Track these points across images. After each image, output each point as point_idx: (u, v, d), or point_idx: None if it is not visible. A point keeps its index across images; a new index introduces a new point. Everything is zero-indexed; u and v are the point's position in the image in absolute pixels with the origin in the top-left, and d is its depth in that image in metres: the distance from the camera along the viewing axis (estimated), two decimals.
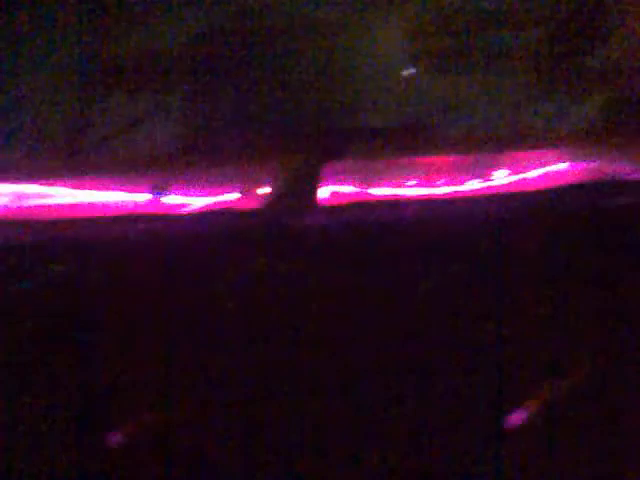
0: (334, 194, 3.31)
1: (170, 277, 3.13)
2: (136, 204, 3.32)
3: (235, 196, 3.34)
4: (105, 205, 3.32)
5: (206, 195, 3.34)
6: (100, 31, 3.95)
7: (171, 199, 3.36)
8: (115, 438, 3.08)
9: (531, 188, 3.36)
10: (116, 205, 3.31)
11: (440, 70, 3.93)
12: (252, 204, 3.26)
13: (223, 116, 3.58)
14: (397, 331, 3.17)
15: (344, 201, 3.27)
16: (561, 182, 3.36)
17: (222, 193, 3.34)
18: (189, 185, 3.35)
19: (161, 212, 3.26)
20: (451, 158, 3.47)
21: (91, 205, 3.31)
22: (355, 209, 3.24)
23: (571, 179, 3.37)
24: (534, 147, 3.55)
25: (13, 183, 3.36)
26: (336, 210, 3.23)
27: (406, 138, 3.51)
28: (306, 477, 3.05)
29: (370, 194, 3.33)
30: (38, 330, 3.12)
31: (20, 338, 3.11)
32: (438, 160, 3.45)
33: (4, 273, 3.12)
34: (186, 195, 3.36)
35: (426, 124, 3.58)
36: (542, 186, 3.35)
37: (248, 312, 3.14)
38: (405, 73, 3.74)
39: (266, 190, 3.28)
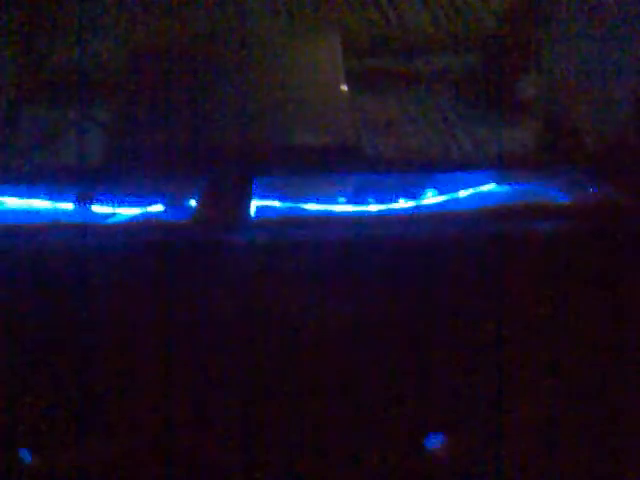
0: (262, 209, 3.31)
1: (92, 287, 3.10)
2: (60, 213, 3.31)
3: (161, 208, 3.33)
4: (29, 213, 3.31)
5: (132, 205, 3.33)
6: (25, 42, 3.98)
7: (96, 208, 3.34)
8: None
9: (459, 208, 3.38)
10: (40, 213, 3.31)
11: (372, 89, 3.97)
12: (179, 217, 3.26)
13: (152, 127, 3.59)
14: (322, 346, 3.16)
15: (272, 216, 3.27)
16: (488, 204, 3.38)
17: (148, 204, 3.33)
18: (115, 195, 3.34)
19: (85, 222, 3.25)
20: (381, 176, 3.49)
21: (14, 213, 3.31)
22: (282, 225, 3.23)
23: (498, 201, 3.40)
24: (463, 168, 3.58)
25: None
26: (263, 225, 3.22)
27: (336, 155, 3.52)
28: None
29: (298, 210, 3.33)
30: None
31: None
32: (368, 178, 3.46)
33: None
34: (111, 205, 3.35)
35: (357, 142, 3.61)
36: (470, 207, 3.37)
37: (171, 325, 3.12)
38: (337, 91, 3.77)
39: (193, 203, 3.28)
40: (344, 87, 3.78)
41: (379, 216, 3.34)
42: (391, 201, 3.42)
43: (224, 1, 4.31)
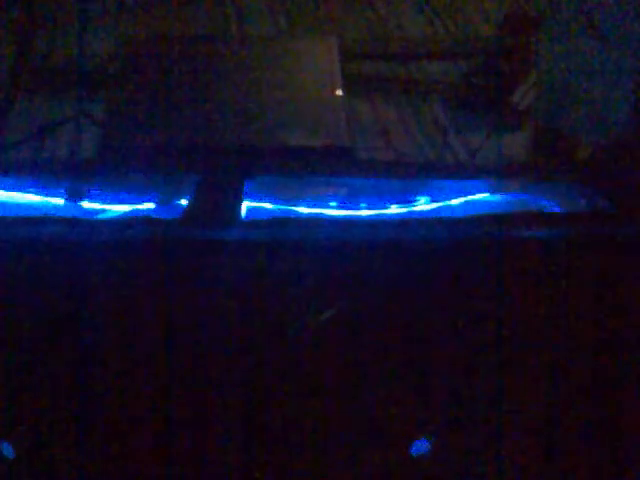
0: (253, 210, 3.31)
1: (81, 283, 3.09)
2: (50, 207, 3.31)
3: (152, 206, 3.33)
4: (20, 206, 3.31)
5: (123, 203, 3.33)
6: (20, 34, 3.98)
7: (87, 204, 3.34)
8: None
9: (451, 216, 3.38)
10: (31, 207, 3.31)
11: (368, 94, 3.98)
12: (169, 215, 3.26)
13: (146, 126, 3.59)
14: (312, 346, 3.16)
15: (262, 218, 3.27)
16: (480, 212, 3.39)
17: (139, 202, 3.33)
18: (106, 191, 3.34)
19: (76, 216, 3.24)
20: (373, 181, 3.49)
21: (4, 206, 3.31)
22: (274, 226, 3.23)
23: (491, 210, 3.40)
24: (456, 176, 3.59)
25: None
26: (254, 226, 3.21)
27: (329, 157, 3.53)
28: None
29: (290, 212, 3.33)
30: None
31: None
32: (360, 182, 3.47)
33: None
34: (102, 201, 3.35)
35: (351, 146, 3.62)
36: (462, 214, 3.37)
37: (160, 322, 3.12)
38: (333, 95, 3.79)
39: (185, 202, 3.28)
40: (340, 91, 3.80)
41: (370, 221, 3.34)
42: (383, 207, 3.43)
43: (223, 1, 4.33)
